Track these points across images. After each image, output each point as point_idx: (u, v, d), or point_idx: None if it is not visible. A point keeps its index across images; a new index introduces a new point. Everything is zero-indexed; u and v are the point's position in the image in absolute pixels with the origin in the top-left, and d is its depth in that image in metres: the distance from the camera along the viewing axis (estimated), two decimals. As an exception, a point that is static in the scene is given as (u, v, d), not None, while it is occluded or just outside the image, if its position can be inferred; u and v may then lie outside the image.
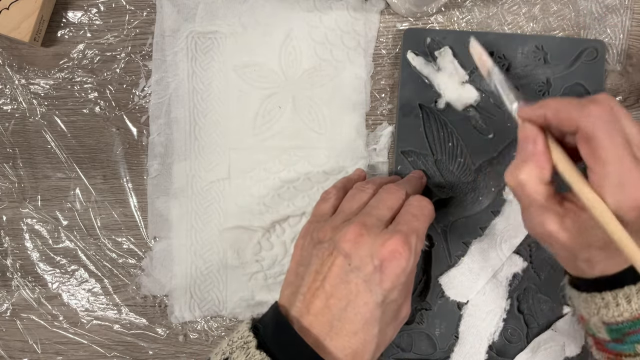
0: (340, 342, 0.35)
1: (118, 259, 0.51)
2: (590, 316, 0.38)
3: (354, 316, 0.35)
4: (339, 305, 0.35)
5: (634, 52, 0.49)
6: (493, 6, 0.49)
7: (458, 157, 0.48)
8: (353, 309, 0.35)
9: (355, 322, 0.35)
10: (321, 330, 0.35)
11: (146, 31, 0.50)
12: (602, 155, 0.32)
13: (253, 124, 0.49)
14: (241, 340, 0.36)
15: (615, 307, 0.35)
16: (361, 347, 0.35)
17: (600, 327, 0.37)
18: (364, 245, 0.36)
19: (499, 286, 0.48)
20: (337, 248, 0.36)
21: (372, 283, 0.35)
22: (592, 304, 0.37)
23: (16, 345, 0.51)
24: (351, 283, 0.35)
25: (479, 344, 0.48)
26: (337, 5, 0.49)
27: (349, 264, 0.36)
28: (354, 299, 0.35)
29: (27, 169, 0.51)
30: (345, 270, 0.36)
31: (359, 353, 0.36)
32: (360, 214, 0.38)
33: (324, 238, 0.38)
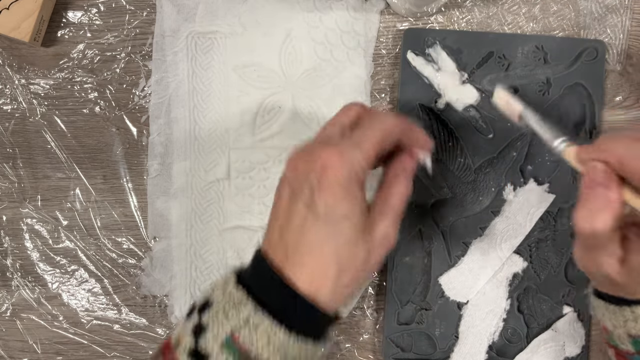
0: (296, 270, 0.34)
1: (118, 259, 0.51)
2: (615, 328, 0.38)
3: (303, 239, 0.34)
4: (289, 235, 0.35)
5: (634, 52, 0.48)
6: (493, 6, 0.49)
7: (458, 157, 0.48)
8: (301, 233, 0.34)
9: (305, 245, 0.34)
10: (280, 262, 0.35)
11: (146, 31, 0.50)
12: None
13: (253, 124, 0.49)
14: (222, 279, 0.36)
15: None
16: (317, 270, 0.34)
17: (625, 339, 0.37)
18: (300, 166, 0.35)
19: (499, 286, 0.48)
20: (284, 180, 0.36)
21: (310, 202, 0.34)
22: (620, 316, 0.37)
23: (16, 345, 0.51)
24: (295, 208, 0.35)
25: (479, 343, 0.48)
26: (337, 5, 0.49)
27: (292, 191, 0.35)
28: (299, 223, 0.34)
29: (27, 169, 0.51)
30: (289, 198, 0.35)
31: (316, 277, 0.34)
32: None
33: (283, 173, 0.37)
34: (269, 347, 0.33)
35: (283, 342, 0.33)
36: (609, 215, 0.33)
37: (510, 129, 0.47)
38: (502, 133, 0.48)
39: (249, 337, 0.33)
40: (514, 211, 0.48)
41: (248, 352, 0.33)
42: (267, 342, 0.33)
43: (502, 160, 0.48)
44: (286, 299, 0.34)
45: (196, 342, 0.34)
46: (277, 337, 0.33)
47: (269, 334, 0.33)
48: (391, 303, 0.48)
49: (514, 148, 0.48)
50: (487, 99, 0.48)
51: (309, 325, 0.35)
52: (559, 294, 0.48)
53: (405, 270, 0.48)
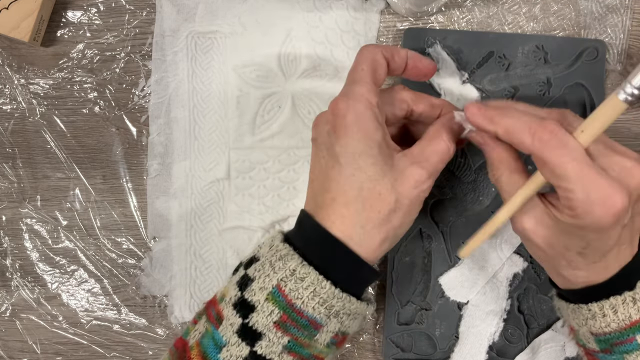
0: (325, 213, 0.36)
1: (118, 259, 0.51)
2: (579, 327, 0.38)
3: (330, 185, 0.36)
4: (317, 185, 0.37)
5: (635, 52, 0.48)
6: (493, 6, 0.49)
7: (458, 157, 0.48)
8: (327, 180, 0.36)
9: (331, 190, 0.36)
10: (314, 211, 0.37)
11: (146, 31, 0.50)
12: (565, 174, 0.31)
13: (253, 123, 0.49)
14: (270, 238, 0.38)
15: (602, 318, 0.35)
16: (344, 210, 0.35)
17: (589, 337, 0.37)
18: (319, 124, 0.37)
19: (500, 286, 0.48)
20: (312, 142, 0.38)
21: (331, 149, 0.36)
22: (580, 315, 0.37)
23: (16, 346, 0.51)
24: (321, 161, 0.37)
25: (479, 344, 0.48)
26: (337, 5, 0.49)
27: (316, 146, 0.38)
28: (324, 170, 0.37)
29: (27, 169, 0.51)
30: (315, 153, 0.38)
31: (345, 216, 0.35)
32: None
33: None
34: (314, 300, 0.34)
35: (328, 296, 0.34)
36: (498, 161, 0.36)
37: (510, 128, 0.47)
38: (503, 133, 0.48)
39: (295, 289, 0.34)
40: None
41: (293, 304, 0.34)
42: (312, 295, 0.34)
43: (502, 160, 0.48)
44: (327, 250, 0.35)
45: (242, 294, 0.35)
46: (323, 289, 0.34)
47: (315, 287, 0.34)
48: (391, 303, 0.48)
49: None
50: (488, 98, 0.48)
51: (349, 277, 0.36)
52: (559, 294, 0.48)
53: (405, 270, 0.48)
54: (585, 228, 0.32)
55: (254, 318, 0.34)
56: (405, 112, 0.40)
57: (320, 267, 0.35)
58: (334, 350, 0.37)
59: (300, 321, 0.34)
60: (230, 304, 0.35)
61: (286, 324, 0.34)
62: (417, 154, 0.37)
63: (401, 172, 0.36)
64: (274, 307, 0.34)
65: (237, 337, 0.34)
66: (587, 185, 0.31)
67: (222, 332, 0.35)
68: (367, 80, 0.37)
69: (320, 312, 0.35)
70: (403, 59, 0.39)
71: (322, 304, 0.34)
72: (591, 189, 0.31)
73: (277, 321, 0.34)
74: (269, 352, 0.34)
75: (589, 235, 0.33)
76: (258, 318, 0.34)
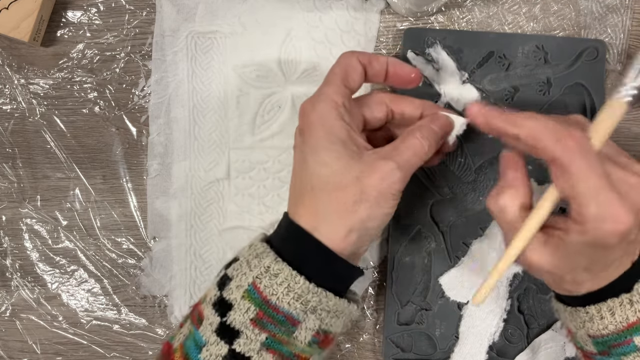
0: (298, 210, 0.37)
1: (117, 259, 0.51)
2: (576, 329, 0.38)
3: (300, 180, 0.38)
4: (293, 182, 0.39)
5: (635, 52, 0.48)
6: (493, 6, 0.49)
7: (458, 157, 0.48)
8: (297, 176, 0.38)
9: (301, 186, 0.38)
10: (290, 210, 0.38)
11: (146, 31, 0.50)
12: (582, 189, 0.31)
13: (253, 123, 0.49)
14: (251, 240, 0.39)
15: (600, 320, 0.35)
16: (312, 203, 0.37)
17: (586, 340, 0.37)
18: (297, 129, 0.39)
19: (500, 286, 0.48)
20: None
21: (301, 146, 0.38)
22: (577, 317, 0.37)
23: (16, 346, 0.51)
24: (295, 163, 0.39)
25: (479, 344, 0.48)
26: (337, 5, 0.49)
27: (294, 150, 0.40)
28: (297, 168, 0.39)
29: (27, 169, 0.51)
30: (294, 158, 0.40)
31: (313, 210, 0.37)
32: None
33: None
34: (289, 296, 0.35)
35: (302, 291, 0.35)
36: (513, 191, 0.35)
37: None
38: (503, 133, 0.47)
39: (269, 285, 0.35)
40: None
41: (268, 300, 0.34)
42: (287, 291, 0.35)
43: (502, 160, 0.48)
44: (299, 245, 0.36)
45: (221, 293, 0.36)
46: (297, 284, 0.35)
47: (289, 282, 0.35)
48: (391, 303, 0.48)
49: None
50: (488, 98, 0.48)
51: (323, 272, 0.36)
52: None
53: (405, 270, 0.48)
54: (593, 245, 0.32)
55: (232, 316, 0.35)
56: (385, 114, 0.41)
57: (293, 262, 0.35)
58: (318, 350, 0.37)
59: (276, 317, 0.35)
60: (210, 303, 0.36)
61: (262, 320, 0.35)
62: (389, 150, 0.37)
63: (369, 165, 0.36)
64: (250, 304, 0.35)
65: (215, 336, 0.35)
66: (602, 201, 0.31)
67: (202, 332, 0.35)
68: (335, 82, 0.38)
69: (296, 308, 0.35)
70: (382, 64, 0.40)
71: (297, 299, 0.35)
72: (605, 205, 0.31)
73: (254, 318, 0.34)
74: (247, 350, 0.34)
75: (595, 252, 0.33)
76: (235, 316, 0.35)
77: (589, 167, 0.31)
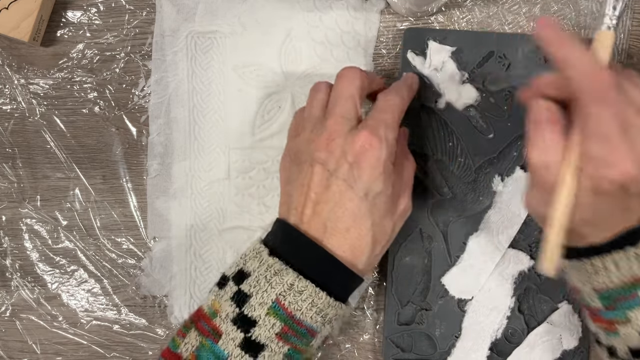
0: (336, 241, 0.38)
1: (117, 259, 0.51)
2: (582, 285, 0.38)
3: (343, 214, 0.37)
4: (326, 209, 0.38)
5: (635, 52, 0.48)
6: (493, 6, 0.49)
7: (458, 157, 0.48)
8: (340, 208, 0.37)
9: (345, 220, 0.37)
10: (317, 234, 0.38)
11: (146, 31, 0.50)
12: (590, 129, 0.32)
13: (253, 123, 0.49)
14: (253, 252, 0.39)
15: (605, 272, 0.36)
16: (357, 242, 0.38)
17: (592, 295, 0.37)
18: (336, 149, 0.38)
19: (504, 283, 0.48)
20: (314, 159, 0.38)
21: (351, 180, 0.37)
22: (583, 271, 0.37)
23: (15, 346, 0.51)
24: (333, 186, 0.38)
25: (481, 340, 0.48)
26: (337, 5, 0.48)
27: (327, 170, 0.38)
28: (338, 199, 0.37)
29: (27, 169, 0.51)
30: (325, 176, 0.38)
31: (356, 247, 0.38)
32: (325, 118, 0.39)
33: (300, 153, 0.40)
34: (312, 310, 0.36)
35: (324, 305, 0.37)
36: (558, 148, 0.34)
37: (510, 128, 0.47)
38: (503, 133, 0.48)
39: (294, 301, 0.36)
40: (505, 201, 0.48)
41: (293, 315, 0.36)
42: (310, 306, 0.36)
43: (502, 160, 0.48)
44: (326, 267, 0.37)
45: (240, 310, 0.36)
46: (320, 300, 0.36)
47: (313, 298, 0.36)
48: (391, 303, 0.48)
49: (515, 148, 0.48)
50: (487, 98, 0.48)
51: (344, 289, 0.39)
52: (559, 294, 0.48)
53: (405, 270, 0.48)
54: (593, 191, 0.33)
55: (257, 332, 0.36)
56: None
57: (316, 280, 0.37)
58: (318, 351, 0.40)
59: (299, 330, 0.37)
60: (228, 320, 0.37)
61: (287, 334, 0.36)
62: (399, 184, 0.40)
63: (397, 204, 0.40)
64: (276, 320, 0.36)
65: (239, 349, 0.36)
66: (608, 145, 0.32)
67: (223, 346, 0.36)
68: (397, 125, 0.39)
69: (317, 321, 0.37)
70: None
71: (318, 313, 0.37)
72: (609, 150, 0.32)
73: (279, 332, 0.36)
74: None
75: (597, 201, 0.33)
76: (260, 331, 0.36)
77: (607, 110, 0.32)
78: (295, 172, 0.40)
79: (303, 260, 0.37)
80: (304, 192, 0.39)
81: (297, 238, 0.38)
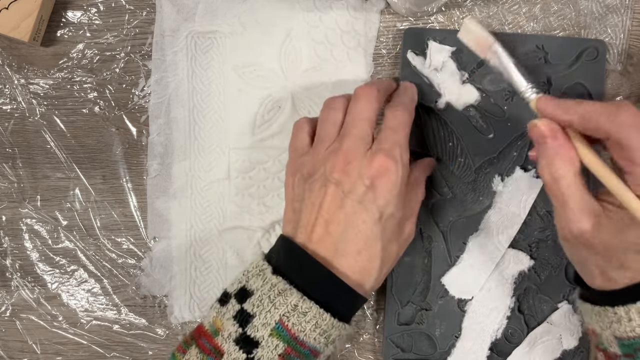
0: (346, 262, 0.37)
1: (117, 259, 0.51)
2: (602, 330, 0.38)
3: (355, 236, 0.37)
4: (338, 229, 0.37)
5: (635, 52, 0.48)
6: (493, 6, 0.49)
7: (458, 157, 0.48)
8: (353, 229, 0.37)
9: (357, 242, 0.37)
10: (326, 254, 0.38)
11: (146, 31, 0.50)
12: (636, 160, 0.32)
13: (253, 123, 0.49)
14: (256, 269, 0.38)
15: (628, 322, 0.35)
16: (367, 264, 0.38)
17: (612, 341, 0.37)
18: (352, 171, 0.38)
19: (504, 283, 0.48)
20: (328, 179, 0.38)
21: (366, 202, 0.37)
22: (605, 318, 0.37)
23: (15, 346, 0.51)
24: (347, 207, 0.37)
25: (481, 340, 0.48)
26: (337, 5, 0.48)
27: (342, 190, 0.38)
28: (352, 220, 0.37)
29: (27, 169, 0.51)
30: (340, 197, 0.38)
31: (366, 269, 0.38)
32: (342, 139, 0.39)
33: (313, 172, 0.39)
34: (315, 332, 0.36)
35: (328, 326, 0.36)
36: (564, 158, 0.35)
37: (510, 128, 0.47)
38: (503, 133, 0.47)
39: (298, 322, 0.36)
40: (505, 201, 0.48)
41: (297, 336, 0.36)
42: (314, 327, 0.36)
43: (502, 160, 0.48)
44: (331, 288, 0.37)
45: (244, 330, 0.36)
46: (324, 321, 0.36)
47: (317, 320, 0.36)
48: (391, 303, 0.48)
49: (514, 148, 0.48)
50: (487, 98, 0.48)
51: (349, 309, 0.39)
52: (560, 294, 0.48)
53: (405, 270, 0.48)
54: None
55: (259, 353, 0.36)
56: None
57: (320, 301, 0.36)
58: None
59: (302, 351, 0.36)
60: (230, 339, 0.36)
61: (290, 355, 0.36)
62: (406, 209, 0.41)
63: (403, 228, 0.41)
64: (279, 341, 0.36)
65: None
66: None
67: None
68: (407, 141, 0.40)
69: (320, 342, 0.37)
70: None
71: (322, 334, 0.37)
72: None
73: (282, 353, 0.36)
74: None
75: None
76: (263, 353, 0.36)
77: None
78: (305, 191, 0.39)
79: (307, 279, 0.37)
80: (315, 211, 0.38)
81: (302, 257, 0.38)
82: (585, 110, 0.34)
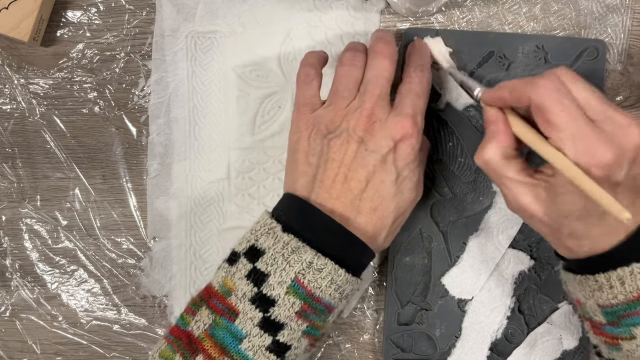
0: (362, 219, 0.39)
1: (117, 259, 0.51)
2: (585, 299, 0.38)
3: (373, 194, 0.39)
4: (359, 187, 0.38)
5: (635, 52, 0.48)
6: (493, 5, 0.49)
7: (458, 157, 0.48)
8: (372, 187, 0.38)
9: (375, 200, 0.39)
10: (344, 210, 0.38)
11: (146, 31, 0.50)
12: (555, 121, 0.33)
13: (253, 123, 0.49)
14: (264, 227, 0.38)
15: (609, 289, 0.35)
16: (380, 222, 0.39)
17: (596, 310, 0.37)
18: (377, 131, 0.38)
19: (505, 283, 0.48)
20: (351, 136, 0.39)
21: (387, 163, 0.38)
22: (587, 286, 0.37)
23: (15, 346, 0.51)
24: (369, 165, 0.38)
25: (481, 340, 0.48)
26: (337, 5, 0.48)
27: (365, 148, 0.38)
28: (372, 178, 0.38)
29: (27, 169, 0.51)
30: (362, 155, 0.38)
31: (378, 227, 0.39)
32: (363, 96, 0.39)
33: (333, 128, 0.39)
34: (331, 288, 0.37)
35: (342, 282, 0.37)
36: (494, 143, 0.36)
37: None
38: (503, 133, 0.47)
39: (313, 279, 0.36)
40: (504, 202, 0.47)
41: (313, 293, 0.36)
42: (330, 283, 0.37)
43: (502, 160, 0.48)
44: (345, 244, 0.38)
45: (259, 289, 0.36)
46: (339, 277, 0.37)
47: (333, 276, 0.37)
48: (391, 303, 0.48)
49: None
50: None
51: (360, 264, 0.40)
52: (560, 294, 0.48)
53: (405, 270, 0.48)
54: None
55: (276, 311, 0.36)
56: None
57: (335, 257, 0.37)
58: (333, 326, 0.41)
59: (318, 307, 0.37)
60: (245, 299, 0.36)
61: (306, 312, 0.37)
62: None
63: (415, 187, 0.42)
64: (295, 298, 0.36)
65: (258, 329, 0.36)
66: (576, 136, 0.32)
67: (241, 325, 0.36)
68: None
69: (335, 297, 0.37)
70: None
71: (337, 289, 0.37)
72: (579, 140, 0.32)
73: (298, 311, 0.36)
74: (289, 339, 0.37)
75: (581, 195, 0.33)
76: (280, 311, 0.36)
77: (561, 101, 0.33)
78: (324, 146, 0.39)
79: (320, 236, 0.37)
80: (336, 166, 0.39)
81: (315, 214, 0.38)
82: (513, 83, 0.36)
